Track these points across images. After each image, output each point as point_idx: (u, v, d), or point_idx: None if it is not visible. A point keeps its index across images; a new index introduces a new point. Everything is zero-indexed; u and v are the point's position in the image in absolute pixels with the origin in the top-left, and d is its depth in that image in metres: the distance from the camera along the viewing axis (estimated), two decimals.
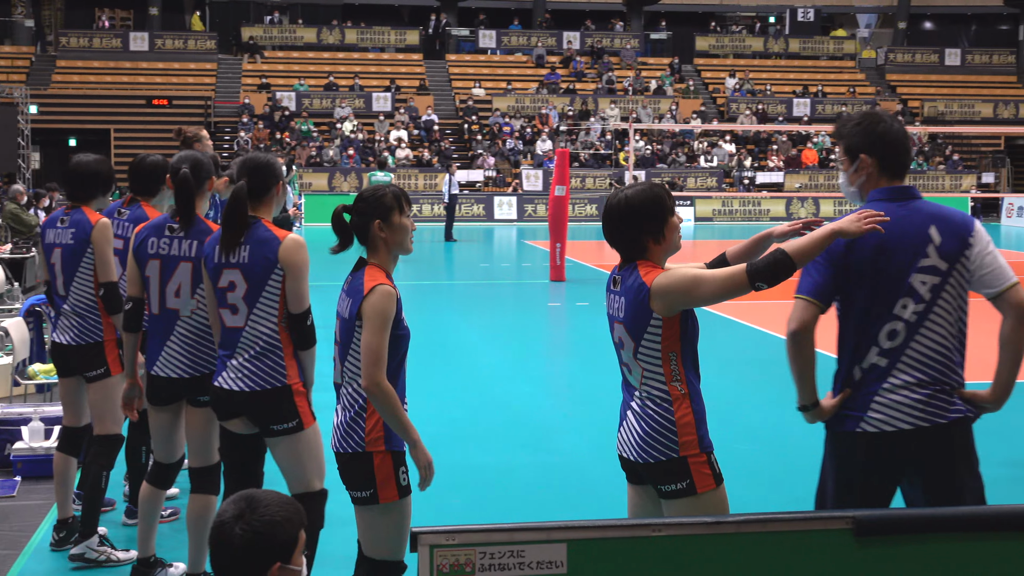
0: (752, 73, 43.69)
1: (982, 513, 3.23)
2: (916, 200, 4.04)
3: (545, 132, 37.78)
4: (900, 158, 4.11)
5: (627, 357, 4.00)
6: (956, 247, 3.94)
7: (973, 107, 42.55)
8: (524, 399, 10.08)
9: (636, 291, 3.92)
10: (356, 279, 4.23)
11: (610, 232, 4.07)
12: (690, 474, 3.91)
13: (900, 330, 3.94)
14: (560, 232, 18.69)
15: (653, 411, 3.94)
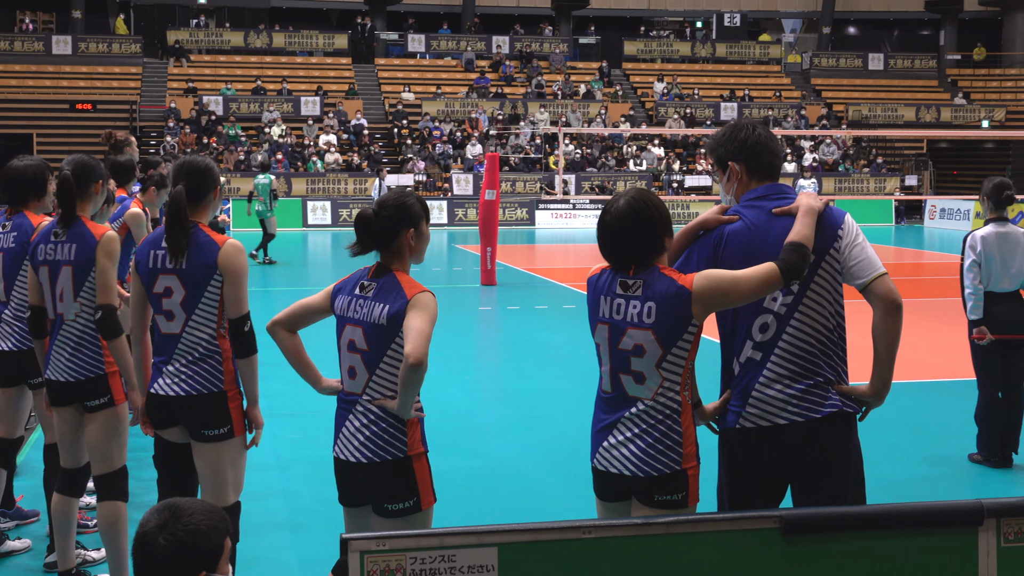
0: (680, 77, 44.05)
1: (905, 510, 3.26)
2: (787, 197, 4.09)
3: (475, 136, 37.79)
4: (765, 160, 4.15)
5: (643, 365, 3.85)
6: (822, 240, 3.97)
7: (896, 111, 43.25)
8: (456, 403, 10.06)
9: (674, 296, 3.81)
10: (388, 284, 4.16)
11: (626, 236, 3.91)
12: (687, 486, 3.89)
13: (771, 323, 3.98)
14: (491, 236, 18.69)
15: (661, 422, 3.86)
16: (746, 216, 4.07)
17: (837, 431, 4.01)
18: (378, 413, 4.13)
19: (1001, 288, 7.84)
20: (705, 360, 4.02)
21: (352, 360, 4.18)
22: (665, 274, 3.87)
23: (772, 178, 4.18)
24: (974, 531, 3.18)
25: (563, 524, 3.05)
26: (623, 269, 3.93)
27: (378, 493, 4.15)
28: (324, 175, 34.81)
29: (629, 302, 3.87)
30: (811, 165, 38.08)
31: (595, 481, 4.02)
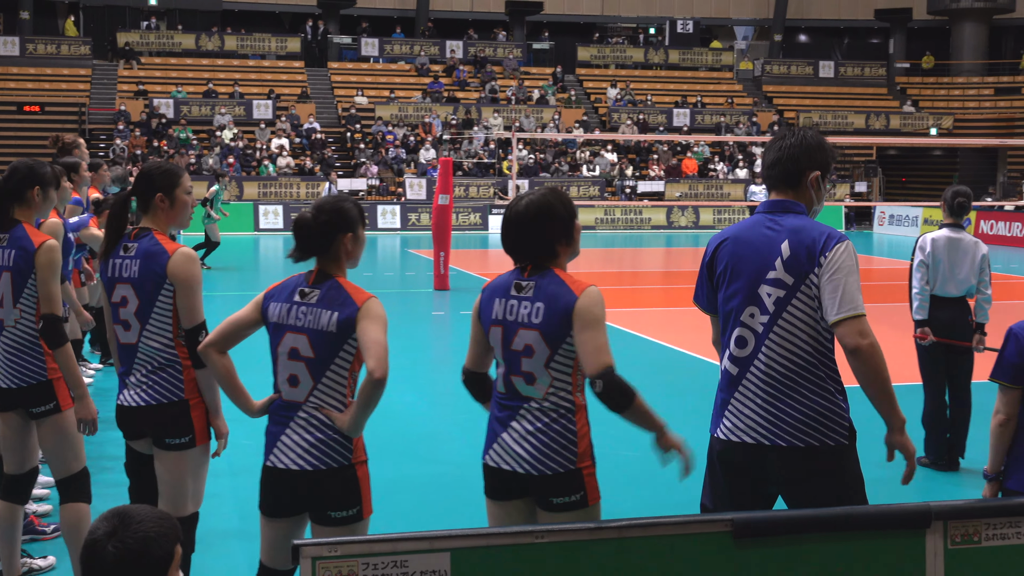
0: (633, 83, 44.25)
1: (854, 513, 3.29)
2: (789, 214, 4.00)
3: (428, 141, 37.74)
4: (768, 171, 4.15)
5: (532, 365, 3.89)
6: (803, 264, 3.88)
7: (846, 118, 43.68)
8: (409, 409, 10.03)
9: (562, 298, 3.86)
10: (332, 290, 4.11)
11: (518, 236, 3.98)
12: (584, 486, 3.92)
13: (749, 339, 3.98)
14: (444, 241, 18.67)
15: (554, 421, 3.89)
16: None
17: (821, 465, 3.92)
18: (323, 420, 4.08)
19: (947, 293, 7.93)
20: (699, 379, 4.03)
21: (294, 368, 4.11)
22: (559, 277, 3.92)
23: (780, 192, 4.11)
24: (922, 534, 3.22)
25: (516, 529, 3.06)
26: (521, 269, 3.98)
27: (322, 501, 4.10)
28: (276, 179, 34.64)
29: (520, 303, 3.91)
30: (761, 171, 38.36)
31: (486, 478, 4.03)
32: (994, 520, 3.26)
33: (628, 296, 19.01)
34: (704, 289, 4.17)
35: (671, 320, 15.86)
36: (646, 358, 12.41)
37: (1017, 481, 4.17)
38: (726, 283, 4.03)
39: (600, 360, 3.79)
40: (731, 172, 38.81)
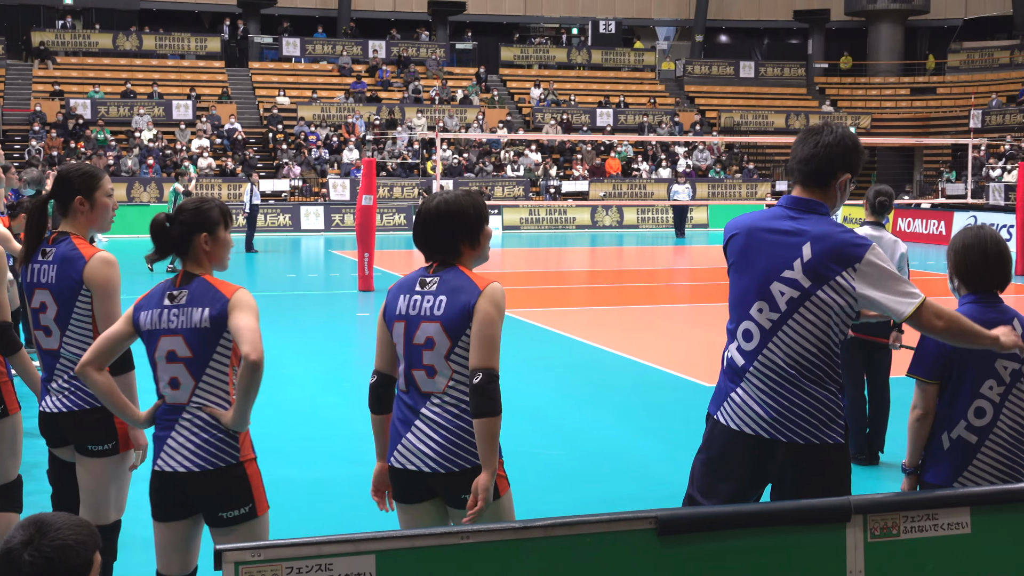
0: (556, 83, 44.40)
1: (777, 509, 3.33)
2: (813, 214, 3.97)
3: (352, 141, 37.55)
4: (800, 165, 4.04)
5: (434, 358, 3.91)
6: (827, 269, 3.85)
7: (767, 118, 44.22)
8: (335, 411, 9.96)
9: (464, 291, 3.90)
10: (200, 288, 4.10)
11: (426, 233, 4.03)
12: None
13: (755, 333, 3.96)
14: (368, 242, 18.58)
15: (457, 417, 3.91)
16: None
17: (818, 462, 3.92)
18: (208, 420, 4.07)
19: None
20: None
21: (174, 370, 4.09)
22: (464, 272, 3.98)
23: (807, 189, 4.06)
24: (842, 527, 3.27)
25: (441, 530, 3.05)
26: (428, 267, 4.04)
27: (212, 502, 4.09)
28: (197, 180, 34.24)
29: (424, 297, 3.96)
30: (685, 171, 38.72)
31: (393, 482, 4.04)
32: (912, 513, 3.32)
33: (553, 295, 19.07)
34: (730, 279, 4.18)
35: (596, 319, 15.93)
36: (570, 357, 12.45)
37: (934, 474, 4.24)
38: (739, 272, 4.04)
39: (489, 357, 3.83)
40: (654, 172, 39.09)
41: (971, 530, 3.34)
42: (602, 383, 11.01)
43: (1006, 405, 4.17)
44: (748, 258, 3.98)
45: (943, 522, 3.33)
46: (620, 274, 23.28)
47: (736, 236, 4.06)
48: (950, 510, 3.35)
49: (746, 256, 3.99)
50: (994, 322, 4.16)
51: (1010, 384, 4.18)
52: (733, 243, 4.07)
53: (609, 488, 7.57)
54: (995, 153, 37.61)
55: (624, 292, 19.54)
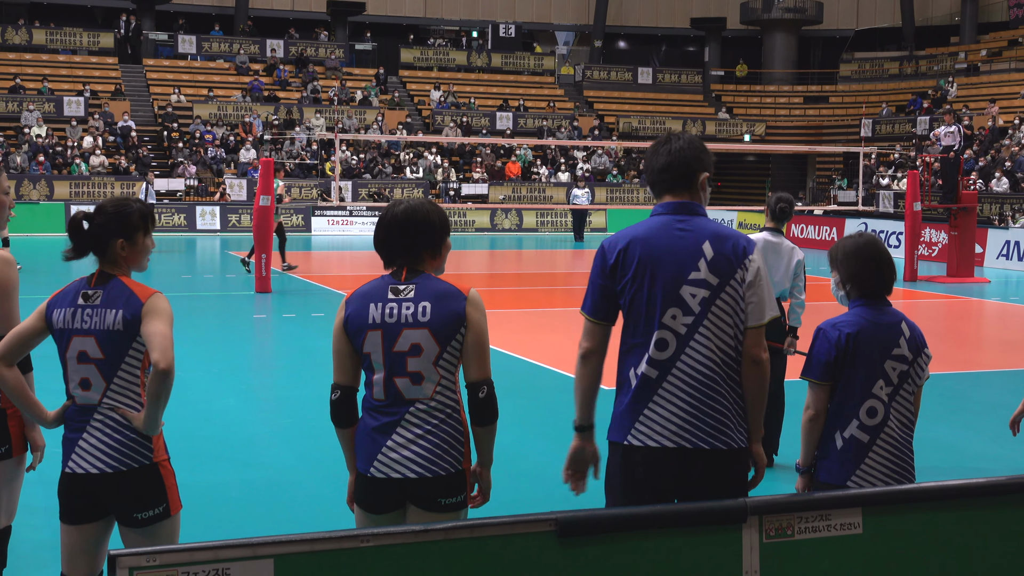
0: (456, 86, 44.40)
1: (674, 510, 3.36)
2: (697, 216, 4.01)
3: (249, 141, 37.11)
4: (659, 175, 4.09)
5: (421, 364, 3.89)
6: (728, 265, 3.91)
7: (664, 123, 44.74)
8: (230, 414, 9.83)
9: (450, 295, 3.93)
10: (115, 290, 4.06)
11: (391, 239, 4.00)
12: (466, 487, 3.98)
13: (670, 340, 3.89)
14: (265, 243, 18.38)
15: (443, 422, 3.91)
16: None
17: (735, 467, 3.96)
18: (120, 421, 4.04)
19: None
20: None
21: (85, 371, 4.05)
22: (438, 277, 4.01)
23: (676, 194, 4.09)
24: (738, 528, 3.31)
25: (340, 533, 3.02)
26: (395, 273, 4.00)
27: (126, 503, 4.05)
28: (89, 178, 33.53)
29: (402, 304, 3.92)
30: (584, 175, 38.98)
31: (367, 492, 3.97)
32: (806, 514, 3.37)
33: None
34: (600, 296, 4.00)
35: (494, 322, 15.92)
36: None
37: (828, 473, 4.32)
38: (639, 286, 3.92)
39: (487, 367, 3.96)
40: (553, 175, 39.30)
41: (863, 530, 3.41)
42: (500, 386, 11.00)
43: (893, 406, 4.28)
44: (650, 267, 3.91)
45: (836, 522, 3.39)
46: (519, 277, 23.36)
47: (629, 248, 3.95)
48: (843, 511, 3.41)
49: (646, 266, 3.92)
50: (886, 326, 4.29)
51: (897, 385, 4.29)
52: (627, 256, 3.94)
53: (507, 491, 7.58)
54: (885, 162, 38.53)
55: (523, 295, 19.60)
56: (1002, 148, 33.93)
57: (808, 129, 47.32)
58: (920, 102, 43.68)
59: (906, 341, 4.31)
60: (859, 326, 4.30)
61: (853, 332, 4.28)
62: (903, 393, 4.30)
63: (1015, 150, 33.12)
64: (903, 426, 4.31)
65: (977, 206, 23.72)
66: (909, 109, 44.10)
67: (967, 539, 3.53)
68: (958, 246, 22.91)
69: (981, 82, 43.49)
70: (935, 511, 3.51)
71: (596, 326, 4.02)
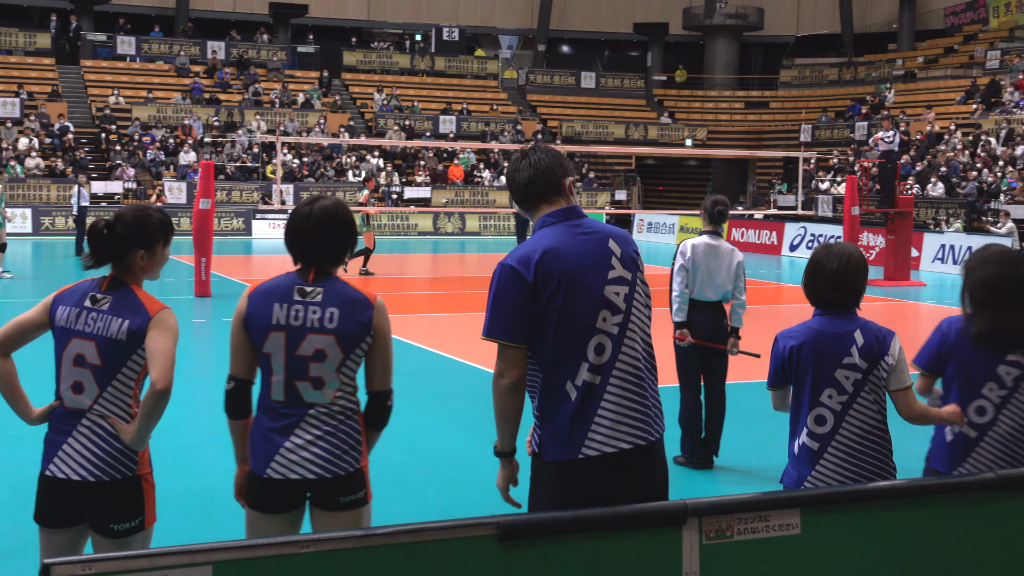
0: (399, 89, 44.29)
1: (615, 513, 3.37)
2: (584, 218, 4.02)
3: (188, 143, 36.76)
4: (528, 189, 4.04)
5: (323, 370, 3.88)
6: (633, 261, 3.98)
7: (607, 128, 44.94)
8: (166, 419, 9.65)
9: (359, 303, 3.92)
10: (125, 298, 4.00)
11: (307, 239, 3.98)
12: (366, 484, 4.01)
13: (606, 343, 3.88)
14: (205, 246, 18.21)
15: (342, 424, 3.93)
16: None
17: (663, 456, 4.04)
18: (108, 430, 3.98)
19: (704, 297, 8.23)
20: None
21: (79, 375, 3.98)
22: (346, 282, 3.98)
23: (553, 203, 4.09)
24: (678, 530, 3.32)
25: (279, 539, 2.99)
26: (302, 272, 3.98)
27: (103, 512, 3.99)
28: (24, 181, 33.05)
29: (308, 308, 3.90)
30: None
31: (262, 493, 3.95)
32: (745, 515, 3.40)
33: (394, 302, 18.97)
34: (519, 317, 3.83)
35: (436, 326, 15.94)
36: (411, 364, 12.41)
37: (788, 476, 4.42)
38: (564, 296, 3.84)
39: (391, 377, 4.02)
40: (496, 179, 39.33)
41: (801, 531, 3.44)
42: (443, 389, 11.00)
43: (850, 414, 4.32)
44: (575, 275, 3.86)
45: (774, 523, 3.42)
46: (462, 281, 23.34)
47: (544, 261, 3.83)
48: (781, 511, 3.44)
49: (572, 274, 3.85)
50: (836, 335, 4.34)
51: (852, 394, 4.32)
52: (544, 269, 3.82)
53: (450, 494, 7.58)
54: (824, 166, 38.97)
55: (465, 299, 19.59)
56: (938, 154, 34.44)
57: (749, 134, 47.74)
58: (858, 108, 44.22)
59: (858, 350, 4.32)
60: (804, 337, 4.37)
61: (796, 344, 4.36)
62: (861, 401, 4.33)
63: (950, 155, 33.63)
64: (865, 433, 4.34)
65: (913, 210, 24.05)
66: (848, 115, 44.62)
67: (902, 539, 3.58)
68: (895, 250, 23.22)
69: (918, 88, 44.12)
70: (871, 511, 3.55)
71: (517, 350, 3.85)
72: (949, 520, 3.64)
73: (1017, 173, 30.07)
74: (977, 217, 29.61)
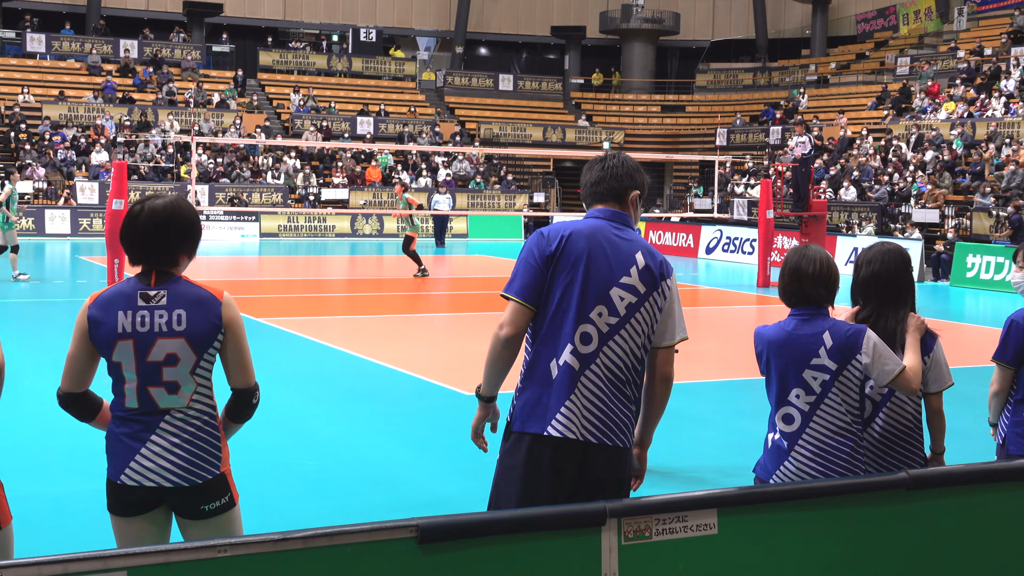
0: (316, 90, 44.00)
1: (535, 514, 3.38)
2: (628, 228, 4.20)
3: (101, 143, 36.15)
4: (593, 188, 4.28)
5: (176, 374, 3.83)
6: (654, 279, 4.10)
7: (525, 130, 45.06)
8: (76, 423, 9.51)
9: (205, 302, 3.87)
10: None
11: (146, 239, 3.88)
12: (229, 488, 3.95)
13: (593, 335, 4.02)
14: (118, 247, 17.94)
15: (199, 430, 3.88)
16: None
17: (625, 466, 4.10)
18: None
19: None
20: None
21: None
22: (191, 282, 3.92)
23: (605, 203, 4.28)
24: (598, 531, 3.34)
25: (195, 544, 2.95)
26: (143, 277, 3.90)
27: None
28: None
29: (154, 312, 3.84)
30: (445, 180, 39.00)
31: (118, 497, 3.90)
32: (663, 515, 3.43)
33: (310, 304, 18.83)
34: (533, 280, 4.04)
35: (354, 328, 15.85)
36: (327, 366, 12.34)
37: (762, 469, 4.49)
38: (573, 277, 4.04)
39: (251, 372, 3.96)
40: (414, 181, 39.22)
41: (718, 531, 3.48)
42: (359, 392, 10.95)
43: (819, 413, 4.37)
44: (586, 261, 4.05)
45: (692, 523, 3.45)
46: (379, 283, 23.24)
47: (571, 239, 4.07)
48: (698, 512, 3.47)
49: (584, 259, 4.05)
50: (805, 336, 4.39)
51: (820, 394, 4.37)
52: (568, 245, 4.06)
53: (366, 497, 7.54)
54: (739, 170, 39.45)
55: (383, 301, 19.52)
56: (850, 158, 35.04)
57: (665, 137, 48.18)
58: (773, 112, 44.84)
59: (827, 351, 4.37)
60: (771, 338, 4.44)
61: (762, 348, 4.46)
62: (830, 401, 4.37)
63: (862, 160, 34.24)
64: (833, 433, 4.37)
65: (827, 214, 24.46)
66: (762, 119, 45.23)
67: (816, 538, 3.63)
68: None
69: (831, 94, 44.87)
70: (786, 512, 3.60)
71: (524, 309, 4.04)
72: (862, 520, 3.70)
73: (927, 177, 30.72)
74: (888, 221, 30.18)
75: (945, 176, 30.74)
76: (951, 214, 28.35)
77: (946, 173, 30.95)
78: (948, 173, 30.99)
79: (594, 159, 4.35)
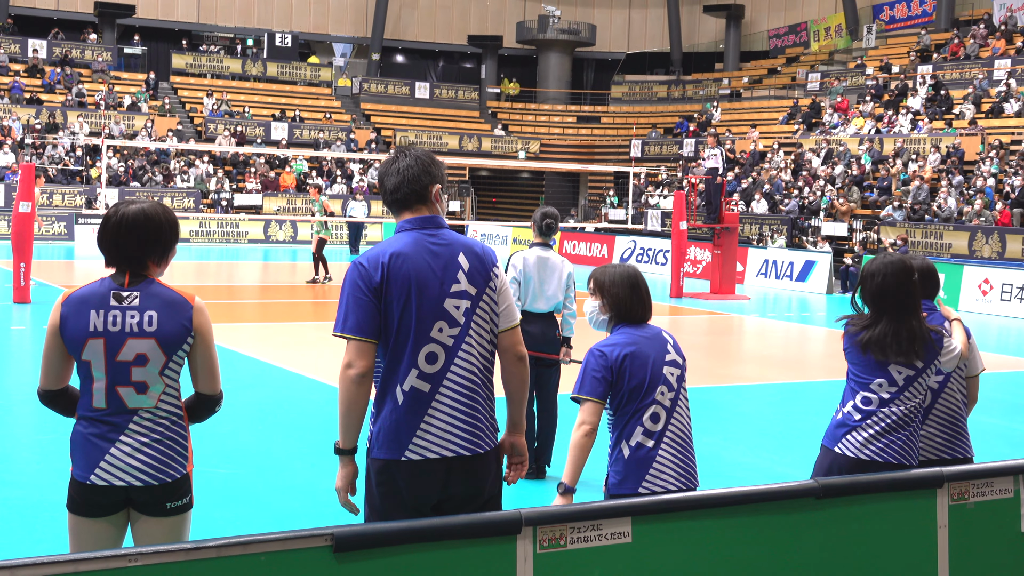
0: (230, 94, 43.54)
1: (449, 523, 3.39)
2: (443, 229, 4.09)
3: (7, 144, 35.39)
4: (393, 195, 4.13)
5: (145, 374, 3.86)
6: (482, 275, 4.04)
7: (441, 138, 45.03)
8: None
9: (177, 305, 3.91)
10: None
11: (120, 241, 3.92)
12: (191, 489, 4.01)
13: (439, 353, 3.94)
14: (24, 251, 17.57)
15: (168, 430, 3.92)
16: None
17: (495, 468, 4.06)
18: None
19: (536, 308, 8.32)
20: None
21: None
22: (164, 285, 3.96)
23: (414, 210, 4.17)
24: (512, 540, 3.36)
25: (107, 553, 2.91)
26: (117, 277, 3.93)
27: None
28: None
29: (126, 313, 3.87)
30: (359, 187, 38.82)
31: (84, 497, 3.89)
32: (578, 524, 3.45)
33: (223, 311, 18.62)
34: (367, 314, 3.90)
35: (266, 335, 15.71)
36: (240, 373, 12.21)
37: (620, 484, 4.46)
38: (405, 301, 3.92)
39: (218, 379, 4.03)
40: (329, 187, 38.98)
41: (632, 539, 3.51)
42: (271, 399, 10.86)
43: (676, 410, 4.45)
44: (418, 282, 3.94)
45: (607, 532, 3.48)
46: (292, 290, 23.06)
47: (392, 265, 3.93)
48: (613, 520, 3.51)
49: (415, 280, 3.93)
50: (653, 337, 4.49)
51: (677, 389, 4.48)
52: (391, 272, 3.92)
53: (280, 505, 7.48)
54: (653, 181, 39.83)
55: (296, 308, 19.37)
56: (762, 171, 35.57)
57: (581, 148, 48.46)
58: (687, 125, 45.35)
59: (673, 347, 4.54)
60: (633, 344, 4.47)
61: (631, 351, 4.45)
62: (681, 398, 4.50)
63: (773, 173, 34.78)
64: (684, 429, 4.49)
65: (738, 226, 24.80)
66: (676, 131, 45.71)
67: (728, 546, 3.68)
68: (721, 264, 23.89)
69: (743, 107, 45.50)
70: (698, 519, 3.65)
71: (366, 344, 3.91)
72: (774, 527, 3.76)
73: (835, 191, 31.29)
74: (798, 233, 30.68)
75: (853, 190, 31.34)
76: (859, 228, 28.91)
77: (854, 187, 31.56)
78: (856, 187, 31.61)
79: (386, 161, 4.20)
